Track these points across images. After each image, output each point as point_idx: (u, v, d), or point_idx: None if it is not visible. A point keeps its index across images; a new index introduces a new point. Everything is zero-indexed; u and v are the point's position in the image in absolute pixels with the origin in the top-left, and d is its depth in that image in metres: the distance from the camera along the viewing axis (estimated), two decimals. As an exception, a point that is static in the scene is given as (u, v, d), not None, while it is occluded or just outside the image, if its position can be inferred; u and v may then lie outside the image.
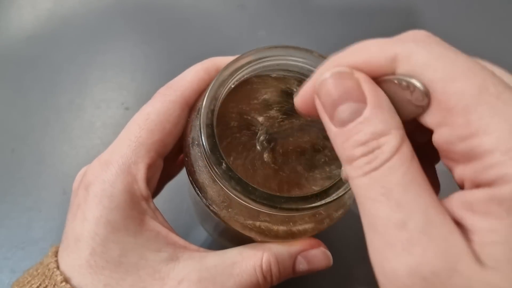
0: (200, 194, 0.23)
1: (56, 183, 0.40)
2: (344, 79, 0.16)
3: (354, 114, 0.15)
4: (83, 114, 0.43)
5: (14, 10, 0.50)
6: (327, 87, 0.16)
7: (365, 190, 0.15)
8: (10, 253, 0.37)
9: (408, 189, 0.14)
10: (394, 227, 0.14)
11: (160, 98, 0.25)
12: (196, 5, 0.50)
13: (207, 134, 0.21)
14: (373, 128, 0.15)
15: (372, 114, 0.15)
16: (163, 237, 0.22)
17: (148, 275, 0.21)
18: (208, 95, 0.22)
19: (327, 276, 0.36)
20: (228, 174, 0.20)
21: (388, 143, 0.15)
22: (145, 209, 0.23)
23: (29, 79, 0.45)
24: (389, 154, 0.15)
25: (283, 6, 0.50)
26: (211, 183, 0.22)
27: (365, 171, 0.15)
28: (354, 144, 0.15)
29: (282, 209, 0.20)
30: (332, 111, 0.16)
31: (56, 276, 0.21)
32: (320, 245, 0.24)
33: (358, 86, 0.15)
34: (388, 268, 0.14)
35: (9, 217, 0.38)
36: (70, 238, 0.22)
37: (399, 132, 0.15)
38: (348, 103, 0.15)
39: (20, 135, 0.42)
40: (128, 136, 0.23)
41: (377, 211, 0.15)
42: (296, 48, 0.23)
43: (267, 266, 0.22)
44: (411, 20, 0.49)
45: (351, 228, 0.30)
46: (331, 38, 0.48)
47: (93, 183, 0.22)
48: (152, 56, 0.47)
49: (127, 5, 0.50)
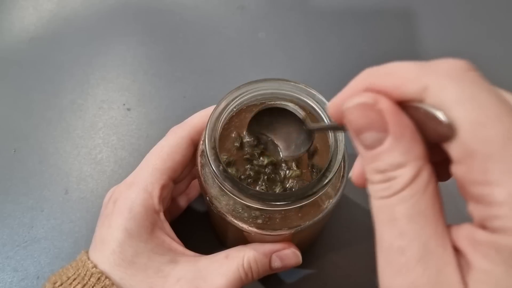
0: (210, 202, 0.27)
1: (58, 182, 0.40)
2: (367, 110, 0.16)
3: (376, 142, 0.16)
4: (85, 115, 0.44)
5: (17, 11, 0.50)
6: (353, 116, 0.17)
7: (377, 211, 0.17)
8: (12, 252, 0.37)
9: (413, 220, 0.16)
10: (395, 251, 0.16)
11: (173, 135, 0.31)
12: (196, 7, 0.51)
13: (210, 146, 0.26)
14: (392, 160, 0.16)
15: (392, 145, 0.16)
16: (167, 244, 0.29)
17: (154, 273, 0.27)
18: (213, 116, 0.27)
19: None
20: (225, 175, 0.25)
21: (403, 176, 0.16)
22: (156, 221, 0.29)
23: (32, 80, 0.46)
24: (402, 186, 0.16)
25: (282, 7, 0.51)
26: (218, 191, 0.27)
27: (380, 196, 0.17)
28: (374, 170, 0.17)
29: (270, 204, 0.24)
30: (358, 134, 0.17)
31: (88, 264, 0.27)
32: (291, 247, 0.29)
33: (381, 117, 0.16)
34: (386, 283, 0.16)
35: (12, 216, 0.39)
36: (98, 240, 0.29)
37: (417, 163, 0.16)
38: (371, 132, 0.16)
39: (22, 135, 0.43)
40: (147, 163, 0.30)
41: (383, 233, 0.17)
42: (285, 80, 0.28)
43: (248, 264, 0.28)
44: (410, 22, 0.50)
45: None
46: (331, 39, 0.48)
47: (119, 199, 0.29)
48: (153, 57, 0.47)
49: (128, 7, 0.50)
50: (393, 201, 0.16)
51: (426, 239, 0.15)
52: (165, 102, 0.45)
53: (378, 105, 0.16)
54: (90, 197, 0.40)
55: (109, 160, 0.42)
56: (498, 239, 0.14)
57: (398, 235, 0.16)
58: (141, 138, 0.43)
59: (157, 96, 0.45)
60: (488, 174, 0.14)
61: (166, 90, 0.45)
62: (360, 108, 0.17)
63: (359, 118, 0.17)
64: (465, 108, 0.15)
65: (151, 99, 0.45)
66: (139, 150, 0.42)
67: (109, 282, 0.26)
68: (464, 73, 0.16)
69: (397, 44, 0.48)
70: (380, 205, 0.17)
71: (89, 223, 0.38)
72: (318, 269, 0.37)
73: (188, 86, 0.46)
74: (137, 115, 0.44)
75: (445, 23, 0.50)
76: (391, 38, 0.48)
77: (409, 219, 0.16)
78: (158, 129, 0.43)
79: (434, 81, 0.15)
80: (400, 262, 0.16)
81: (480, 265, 0.15)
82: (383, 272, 0.17)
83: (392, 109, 0.16)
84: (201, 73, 0.46)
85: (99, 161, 0.42)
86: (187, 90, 0.45)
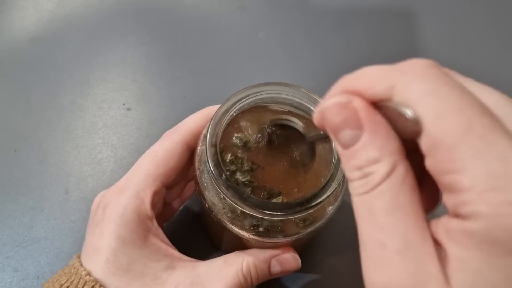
0: (209, 210, 0.27)
1: (58, 182, 0.40)
2: (343, 108, 0.17)
3: (353, 139, 0.17)
4: (85, 115, 0.44)
5: (17, 11, 0.50)
6: (329, 115, 0.18)
7: (357, 207, 0.17)
8: (12, 252, 0.37)
9: (392, 213, 0.16)
10: (376, 245, 0.16)
11: (167, 139, 0.30)
12: (196, 7, 0.51)
13: (211, 153, 0.25)
14: (367, 155, 0.17)
15: (367, 141, 0.17)
16: (163, 250, 0.28)
17: (151, 281, 0.26)
18: (214, 120, 0.26)
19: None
20: (227, 184, 0.24)
21: (379, 171, 0.16)
22: (150, 227, 0.28)
23: (31, 80, 0.46)
24: (378, 181, 0.16)
25: (283, 7, 0.51)
26: (218, 199, 0.27)
27: (359, 192, 0.17)
28: (352, 168, 0.17)
29: (270, 214, 0.24)
30: (336, 133, 0.18)
31: (81, 272, 0.26)
32: (290, 251, 0.29)
33: (355, 114, 0.17)
34: (369, 278, 0.17)
35: (12, 216, 0.39)
36: (89, 248, 0.28)
37: (392, 158, 0.16)
38: (347, 130, 0.17)
39: (22, 135, 0.43)
40: (140, 168, 0.29)
41: (363, 228, 0.17)
42: (287, 84, 0.27)
43: (247, 269, 0.27)
44: (410, 22, 0.50)
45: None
46: (331, 39, 0.48)
47: (110, 205, 0.28)
48: (153, 57, 0.47)
49: (128, 6, 0.50)
50: (371, 195, 0.16)
51: (406, 232, 0.16)
52: (165, 102, 0.45)
53: (352, 104, 0.17)
54: (90, 197, 0.40)
55: (109, 160, 0.42)
56: (468, 225, 0.14)
57: (378, 229, 0.16)
58: (141, 138, 0.43)
59: (157, 96, 0.45)
60: (454, 163, 0.15)
61: (166, 90, 0.45)
62: (335, 107, 0.18)
63: (335, 117, 0.17)
64: (428, 102, 0.15)
65: (151, 99, 0.45)
66: (139, 150, 0.42)
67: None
68: (427, 70, 0.16)
69: (397, 44, 0.48)
70: (359, 201, 0.17)
71: (89, 223, 0.38)
72: (317, 273, 0.37)
73: (188, 86, 0.46)
74: (137, 115, 0.44)
75: (445, 23, 0.50)
76: (391, 38, 0.48)
77: (388, 212, 0.16)
78: (158, 129, 0.43)
79: (400, 80, 0.16)
80: (381, 256, 0.16)
81: (457, 254, 0.15)
82: (365, 267, 0.17)
83: (365, 107, 0.17)
84: (201, 73, 0.46)
85: (99, 161, 0.42)
86: (187, 90, 0.45)
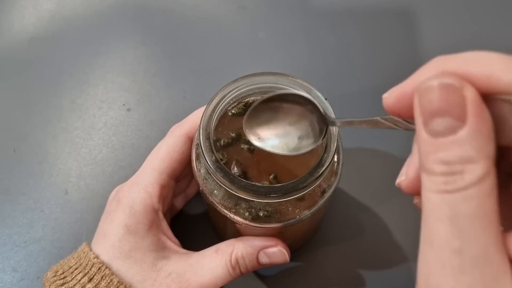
0: (203, 192, 0.28)
1: (58, 183, 0.40)
2: (451, 93, 0.15)
3: (448, 130, 0.15)
4: (84, 115, 0.44)
5: (16, 11, 0.50)
6: (430, 96, 0.15)
7: (433, 206, 0.15)
8: (12, 252, 0.37)
9: (476, 222, 0.14)
10: (450, 250, 0.15)
11: (171, 134, 0.32)
12: (196, 7, 0.51)
13: (204, 137, 0.26)
14: (463, 153, 0.14)
15: (466, 137, 0.14)
16: (162, 241, 0.30)
17: (148, 267, 0.29)
18: (209, 106, 0.27)
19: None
20: (216, 165, 0.25)
21: (472, 172, 0.14)
22: (154, 219, 0.30)
23: (31, 80, 0.46)
24: (469, 184, 0.14)
25: (282, 7, 0.51)
26: (210, 182, 0.28)
27: (440, 189, 0.15)
28: (438, 160, 0.15)
29: (261, 196, 0.25)
30: (428, 119, 0.15)
31: (90, 255, 0.29)
32: (278, 244, 0.30)
33: (463, 104, 0.14)
34: (433, 282, 0.15)
35: (12, 216, 0.39)
36: (100, 233, 0.31)
37: (488, 163, 0.15)
38: (447, 118, 0.15)
39: (22, 135, 0.43)
40: (147, 164, 0.32)
41: (438, 229, 0.15)
42: (283, 74, 0.28)
43: (235, 260, 0.29)
44: (410, 22, 0.50)
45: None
46: (331, 39, 0.48)
47: (122, 198, 0.31)
48: (153, 58, 0.47)
49: (128, 7, 0.50)
50: (457, 197, 0.15)
51: (487, 244, 0.14)
52: (165, 102, 0.45)
53: (463, 91, 0.14)
54: (90, 197, 0.40)
55: (109, 160, 0.42)
56: None
57: (456, 233, 0.15)
58: (141, 139, 0.43)
59: (157, 96, 0.45)
60: None
61: (166, 90, 0.45)
62: (442, 89, 0.15)
63: (437, 100, 0.15)
64: None
65: (151, 99, 0.45)
66: (139, 150, 0.42)
67: (108, 271, 0.28)
68: None
69: (397, 44, 0.48)
70: (439, 199, 0.15)
71: (89, 223, 0.38)
72: (309, 262, 0.37)
73: (188, 86, 0.46)
74: (137, 115, 0.44)
75: (445, 22, 0.50)
76: (391, 38, 0.48)
77: (472, 219, 0.14)
78: (158, 129, 0.43)
79: None
80: (454, 263, 0.15)
81: None
82: (431, 271, 0.15)
83: (477, 99, 0.15)
84: (201, 73, 0.46)
85: (99, 161, 0.41)
86: (187, 90, 0.45)
